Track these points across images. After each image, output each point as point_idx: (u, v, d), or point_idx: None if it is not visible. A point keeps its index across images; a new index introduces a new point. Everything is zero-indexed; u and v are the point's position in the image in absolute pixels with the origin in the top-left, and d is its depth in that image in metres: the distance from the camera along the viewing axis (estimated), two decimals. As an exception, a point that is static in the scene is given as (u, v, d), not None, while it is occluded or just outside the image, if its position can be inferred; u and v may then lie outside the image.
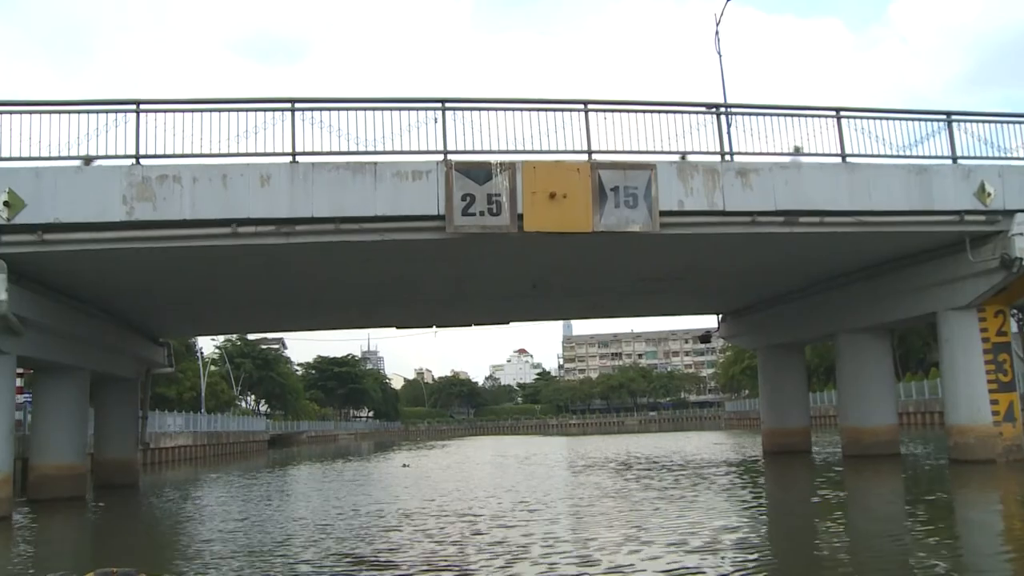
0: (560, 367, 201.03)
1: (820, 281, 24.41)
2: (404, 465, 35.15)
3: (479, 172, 15.90)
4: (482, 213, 15.76)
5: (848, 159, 18.10)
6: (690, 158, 17.25)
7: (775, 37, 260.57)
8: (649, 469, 25.41)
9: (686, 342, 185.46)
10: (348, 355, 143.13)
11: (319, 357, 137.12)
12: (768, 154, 17.69)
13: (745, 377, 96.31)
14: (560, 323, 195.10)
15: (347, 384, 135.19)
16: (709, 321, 35.04)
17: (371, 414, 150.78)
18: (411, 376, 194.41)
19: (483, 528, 13.33)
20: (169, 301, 22.06)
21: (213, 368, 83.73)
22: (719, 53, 27.54)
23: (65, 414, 20.97)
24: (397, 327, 30.57)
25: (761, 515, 14.85)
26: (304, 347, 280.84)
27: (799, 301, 26.43)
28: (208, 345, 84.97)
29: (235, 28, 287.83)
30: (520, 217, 15.85)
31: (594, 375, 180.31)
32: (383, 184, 15.64)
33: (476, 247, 16.93)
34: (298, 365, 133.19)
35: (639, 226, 16.42)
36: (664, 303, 29.89)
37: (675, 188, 16.79)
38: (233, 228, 15.34)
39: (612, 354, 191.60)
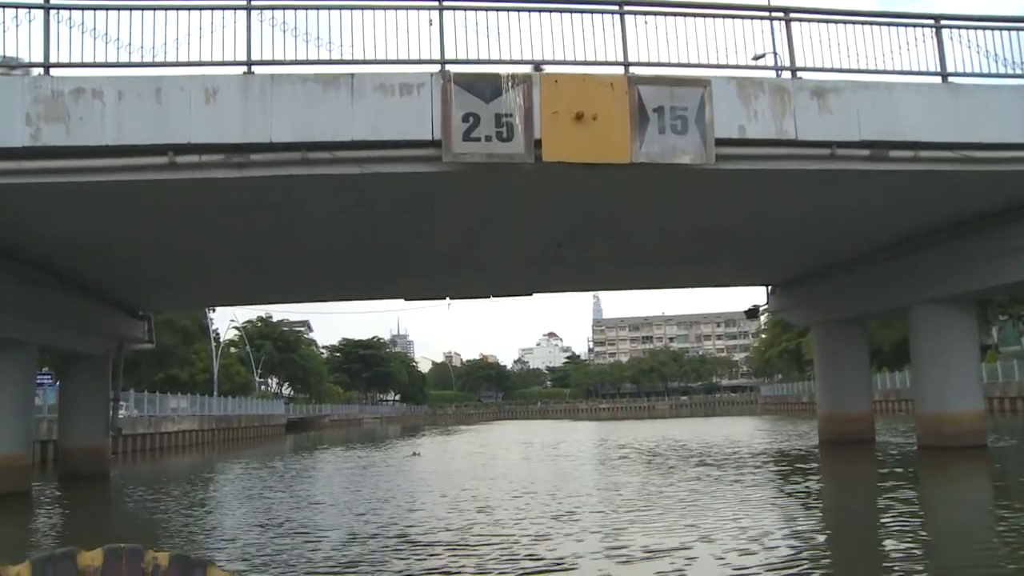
0: (590, 351, 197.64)
1: (897, 243, 20.64)
2: (414, 454, 31.78)
3: (485, 86, 12.38)
4: (489, 138, 12.25)
5: (950, 79, 14.44)
6: (753, 74, 13.74)
7: None
8: (702, 464, 21.22)
9: (718, 325, 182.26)
10: (374, 337, 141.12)
11: (344, 340, 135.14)
12: (849, 71, 14.12)
13: (781, 360, 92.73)
14: (590, 307, 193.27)
15: (373, 367, 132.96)
16: (742, 300, 31.53)
17: (398, 397, 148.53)
18: (441, 360, 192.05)
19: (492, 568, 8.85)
20: (125, 262, 18.68)
21: (233, 350, 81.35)
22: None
23: (3, 396, 17.76)
24: (406, 299, 27.16)
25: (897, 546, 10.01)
26: (332, 330, 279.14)
27: (865, 268, 22.65)
28: (228, 326, 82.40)
29: None
30: (537, 144, 12.33)
31: (624, 359, 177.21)
32: (363, 101, 12.20)
33: (483, 184, 13.48)
34: (323, 347, 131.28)
35: (690, 157, 12.85)
36: (708, 272, 26.24)
37: (735, 110, 13.20)
38: (170, 157, 11.95)
39: (643, 338, 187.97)
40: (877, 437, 26.81)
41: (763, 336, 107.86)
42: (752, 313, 31.40)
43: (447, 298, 26.85)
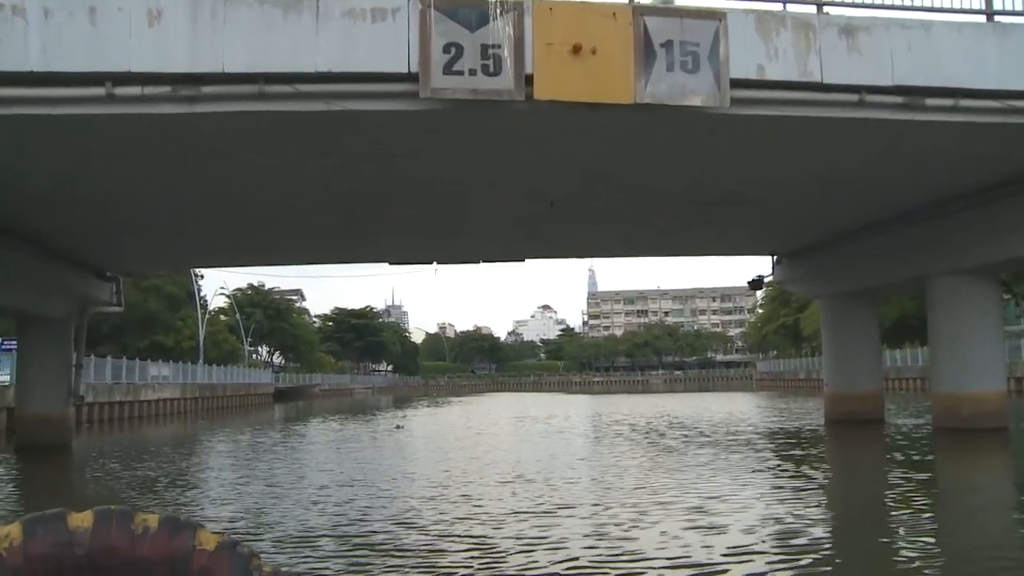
0: (584, 324, 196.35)
1: (919, 208, 19.10)
2: (397, 427, 30.35)
3: (470, 12, 10.80)
4: (473, 72, 10.69)
5: (996, 18, 12.90)
6: (773, 7, 12.20)
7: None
8: (706, 446, 19.45)
9: (714, 300, 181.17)
10: (367, 307, 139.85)
11: (336, 309, 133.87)
12: (883, 7, 12.62)
13: (778, 336, 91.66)
14: (585, 279, 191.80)
15: (365, 337, 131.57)
16: (739, 275, 30.07)
17: (390, 368, 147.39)
18: (434, 330, 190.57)
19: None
20: (74, 214, 17.01)
21: (223, 318, 79.99)
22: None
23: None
24: (390, 263, 25.58)
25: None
26: (327, 300, 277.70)
27: (880, 236, 21.11)
28: (219, 294, 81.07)
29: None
30: (529, 80, 10.78)
31: (619, 332, 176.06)
32: (329, 27, 10.65)
33: (466, 125, 11.94)
34: (315, 317, 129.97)
35: (701, 99, 11.31)
36: (712, 239, 24.53)
37: (753, 47, 11.66)
38: (108, 88, 10.40)
39: (638, 311, 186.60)
40: (886, 417, 25.49)
41: (760, 311, 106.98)
42: (756, 284, 29.90)
43: (434, 263, 25.33)
